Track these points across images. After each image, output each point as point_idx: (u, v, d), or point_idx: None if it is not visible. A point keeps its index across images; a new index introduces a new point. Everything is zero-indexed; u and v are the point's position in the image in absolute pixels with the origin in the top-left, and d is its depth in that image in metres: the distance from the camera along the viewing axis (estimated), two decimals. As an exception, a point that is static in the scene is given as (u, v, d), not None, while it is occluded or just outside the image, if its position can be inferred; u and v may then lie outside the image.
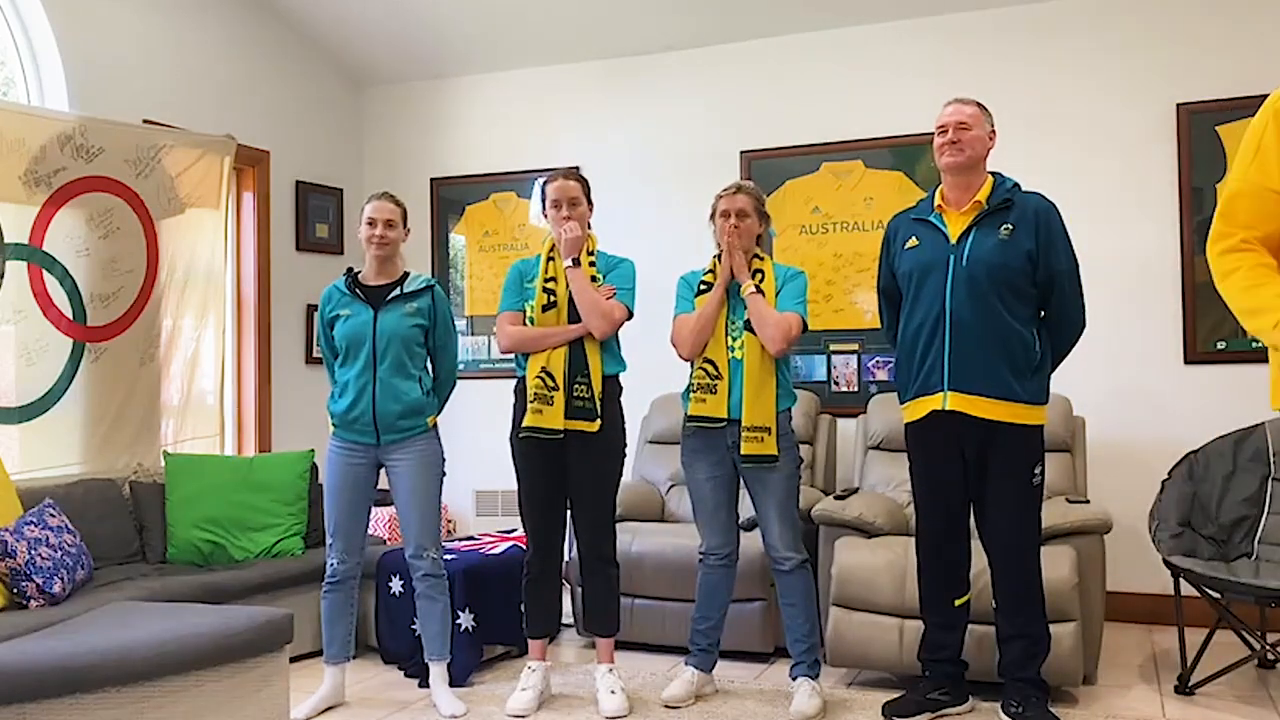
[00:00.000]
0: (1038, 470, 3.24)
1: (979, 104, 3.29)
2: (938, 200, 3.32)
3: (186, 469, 4.29)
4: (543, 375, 3.45)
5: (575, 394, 3.45)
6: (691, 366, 3.53)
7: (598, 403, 3.46)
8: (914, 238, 3.33)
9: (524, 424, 3.47)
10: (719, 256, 3.54)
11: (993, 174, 3.29)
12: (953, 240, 3.23)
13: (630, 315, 3.52)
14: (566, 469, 3.52)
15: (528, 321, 3.54)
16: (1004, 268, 3.14)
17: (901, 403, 3.39)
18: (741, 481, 3.54)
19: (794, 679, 3.50)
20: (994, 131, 3.30)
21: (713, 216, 3.55)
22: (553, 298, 3.49)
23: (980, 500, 3.28)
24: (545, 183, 3.58)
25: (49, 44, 4.30)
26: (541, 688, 3.57)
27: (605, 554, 3.56)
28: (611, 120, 5.44)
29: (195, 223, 4.74)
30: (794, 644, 3.50)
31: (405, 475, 3.58)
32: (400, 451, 3.57)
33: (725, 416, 3.44)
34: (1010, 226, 3.18)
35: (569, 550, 4.13)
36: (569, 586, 4.29)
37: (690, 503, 3.62)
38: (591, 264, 3.53)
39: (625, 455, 3.61)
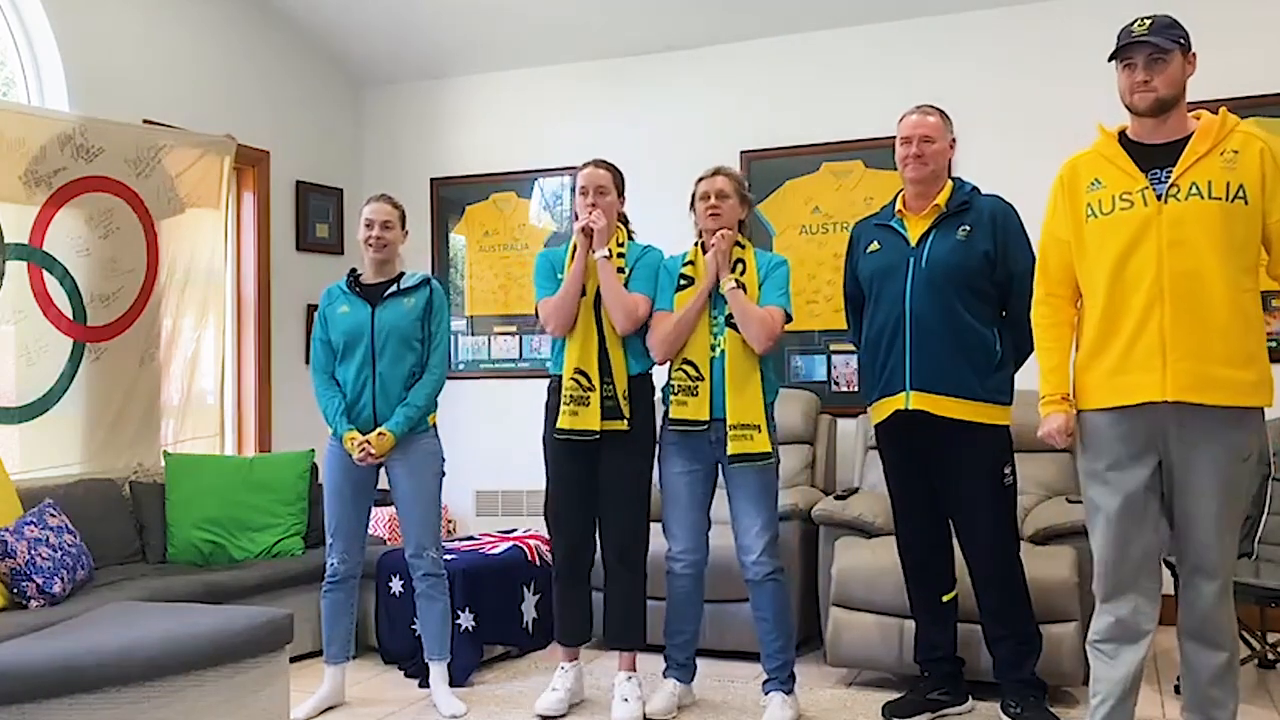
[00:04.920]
0: (1008, 471, 3.24)
1: (941, 112, 3.32)
2: (899, 205, 3.35)
3: (186, 469, 4.29)
4: (578, 376, 3.39)
5: (603, 394, 3.39)
6: (670, 366, 3.45)
7: (622, 401, 3.41)
8: (875, 242, 3.35)
9: (559, 426, 3.40)
10: (700, 244, 3.47)
11: (953, 179, 3.32)
12: (912, 243, 3.26)
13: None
14: (597, 470, 3.46)
15: None
16: (962, 268, 3.18)
17: (867, 404, 3.41)
18: (720, 481, 3.45)
19: (766, 693, 3.41)
20: (954, 140, 3.33)
21: (693, 204, 3.50)
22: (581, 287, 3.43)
23: (954, 504, 3.29)
24: (577, 171, 3.55)
25: (49, 44, 4.30)
26: (573, 688, 3.51)
27: (631, 559, 3.47)
28: (611, 120, 5.44)
29: (195, 223, 4.73)
30: (766, 659, 3.39)
31: (405, 475, 3.58)
32: (400, 451, 3.56)
33: (708, 418, 3.35)
34: (968, 228, 3.21)
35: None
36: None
37: (662, 501, 3.50)
38: (620, 254, 3.48)
39: (654, 456, 3.53)
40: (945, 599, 3.37)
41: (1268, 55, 4.39)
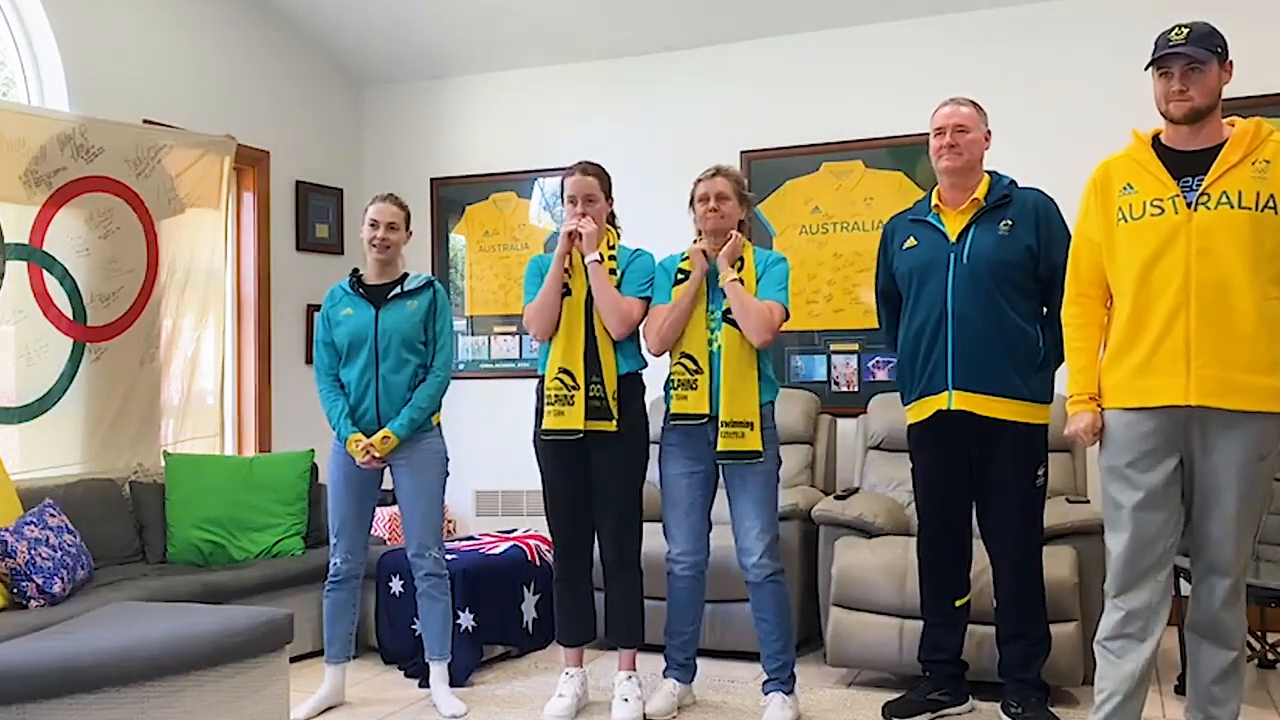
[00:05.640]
0: (1041, 472, 3.22)
1: (974, 103, 3.29)
2: (935, 200, 3.30)
3: (186, 469, 4.29)
4: (562, 375, 3.38)
5: (591, 393, 3.38)
6: (669, 360, 3.42)
7: (611, 402, 3.39)
8: (912, 238, 3.31)
9: (545, 426, 3.40)
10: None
11: (989, 172, 3.29)
12: (952, 239, 3.21)
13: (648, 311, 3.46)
14: (589, 470, 3.45)
15: None
16: (1005, 263, 3.14)
17: (905, 404, 3.35)
18: (720, 482, 3.44)
19: (766, 693, 3.40)
20: (989, 131, 3.30)
21: (692, 203, 3.47)
22: (565, 289, 3.42)
23: (983, 500, 3.27)
24: (563, 177, 3.52)
25: (49, 44, 4.30)
26: (579, 693, 3.50)
27: (628, 559, 3.47)
28: (611, 120, 5.44)
29: (195, 223, 4.73)
30: (766, 659, 3.38)
31: (409, 474, 3.58)
32: (404, 450, 3.56)
33: (707, 412, 3.34)
34: (1010, 222, 3.18)
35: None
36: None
37: (661, 501, 3.49)
38: (611, 257, 3.46)
39: (648, 456, 3.52)
40: (958, 603, 3.35)
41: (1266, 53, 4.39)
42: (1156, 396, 2.63)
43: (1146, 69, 2.69)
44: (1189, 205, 2.61)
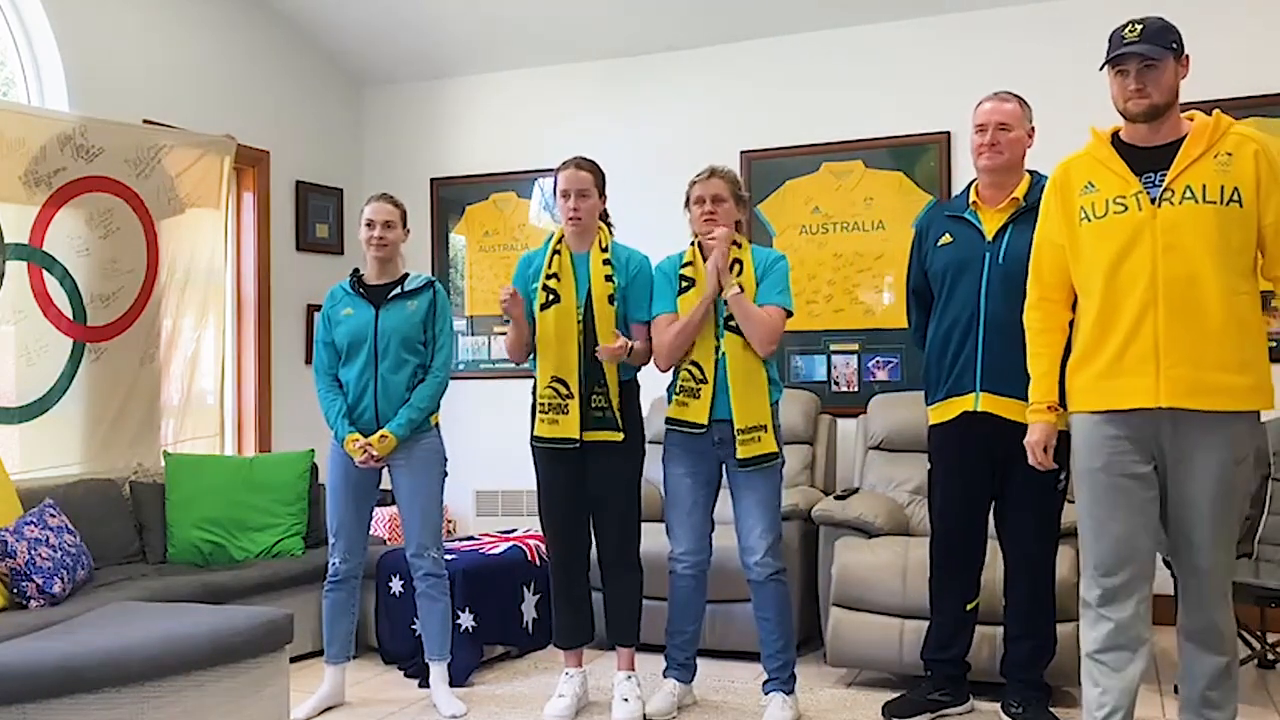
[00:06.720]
0: (1063, 476, 3.18)
1: (1018, 98, 3.22)
2: (972, 196, 3.25)
3: (186, 469, 4.29)
4: (555, 384, 3.36)
5: (594, 404, 3.36)
6: (675, 368, 3.41)
7: (617, 412, 3.38)
8: (947, 234, 3.25)
9: (538, 434, 3.40)
10: (697, 244, 3.41)
11: (1030, 172, 3.23)
12: (988, 237, 3.17)
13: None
14: (586, 474, 3.44)
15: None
16: None
17: (929, 403, 3.31)
18: (723, 482, 3.42)
19: (766, 693, 3.39)
20: (1033, 129, 3.24)
21: (687, 204, 3.43)
22: (553, 296, 3.38)
23: (1003, 500, 3.24)
24: (556, 171, 3.50)
25: (49, 44, 4.30)
26: (579, 693, 3.50)
27: (628, 559, 3.47)
28: (611, 120, 5.44)
29: (195, 223, 4.73)
30: (767, 659, 3.37)
31: (407, 474, 3.58)
32: (403, 450, 3.56)
33: (707, 422, 3.31)
34: None
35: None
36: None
37: (663, 502, 3.48)
38: (606, 260, 3.44)
39: (644, 456, 3.52)
40: (969, 606, 3.32)
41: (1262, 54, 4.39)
42: (1126, 399, 2.57)
43: (1101, 69, 2.64)
44: (1153, 201, 2.55)
